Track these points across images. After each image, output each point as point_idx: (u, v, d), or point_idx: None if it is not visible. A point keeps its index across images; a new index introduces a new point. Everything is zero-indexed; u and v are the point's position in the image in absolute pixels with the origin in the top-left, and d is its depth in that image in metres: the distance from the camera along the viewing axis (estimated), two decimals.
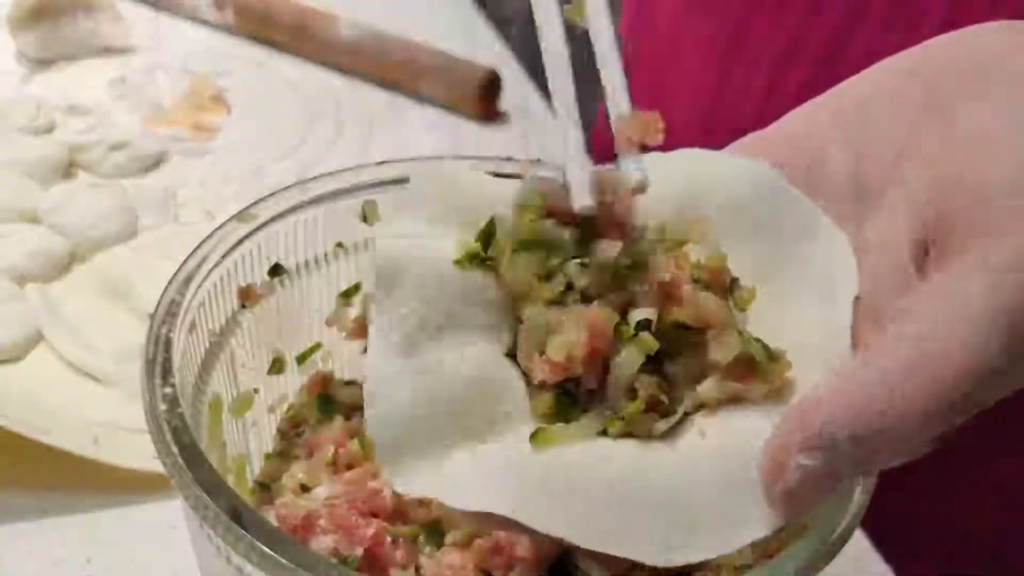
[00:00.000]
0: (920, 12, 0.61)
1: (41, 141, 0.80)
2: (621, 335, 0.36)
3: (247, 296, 0.47)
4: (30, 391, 0.61)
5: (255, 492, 0.48)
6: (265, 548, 0.34)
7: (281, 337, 0.50)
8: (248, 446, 0.49)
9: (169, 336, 0.41)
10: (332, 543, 0.41)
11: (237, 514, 0.35)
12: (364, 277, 0.51)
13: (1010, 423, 0.52)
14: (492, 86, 0.91)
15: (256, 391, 0.49)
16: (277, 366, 0.50)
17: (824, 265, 0.37)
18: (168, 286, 0.43)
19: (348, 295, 0.51)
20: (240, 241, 0.46)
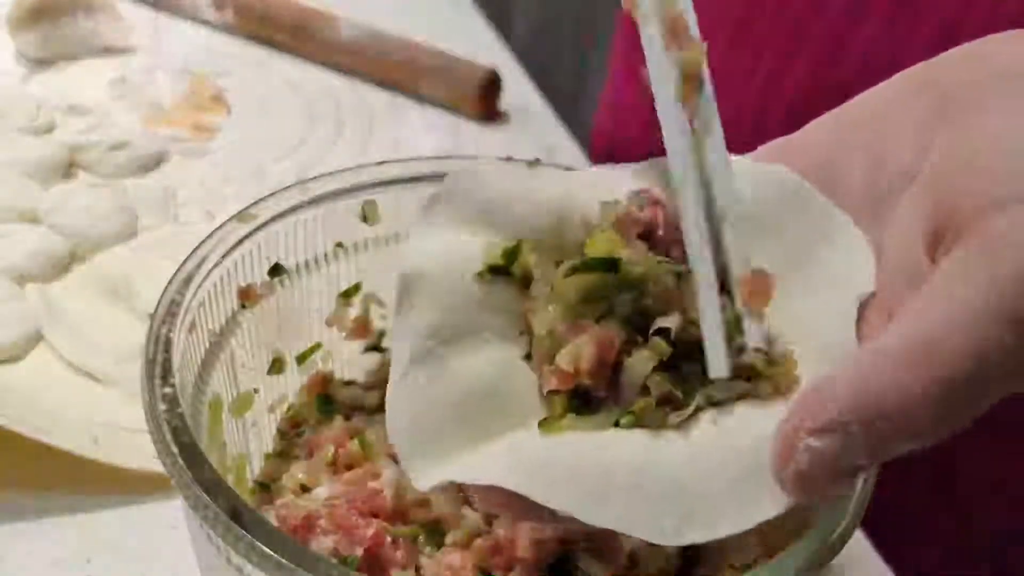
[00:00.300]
0: (920, 11, 0.61)
1: (41, 141, 0.80)
2: (633, 342, 0.36)
3: (247, 296, 0.47)
4: (30, 391, 0.61)
5: (255, 492, 0.48)
6: (265, 548, 0.34)
7: (281, 337, 0.50)
8: (248, 446, 0.49)
9: (169, 336, 0.41)
10: (332, 543, 0.41)
11: (237, 514, 0.35)
12: (364, 277, 0.51)
13: (1010, 423, 0.52)
14: (492, 86, 0.91)
15: (256, 391, 0.49)
16: (277, 366, 0.50)
17: (842, 264, 0.38)
18: (168, 286, 0.43)
19: (348, 295, 0.51)
20: (240, 241, 0.46)
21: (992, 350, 0.32)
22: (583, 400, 0.36)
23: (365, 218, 0.50)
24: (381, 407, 0.51)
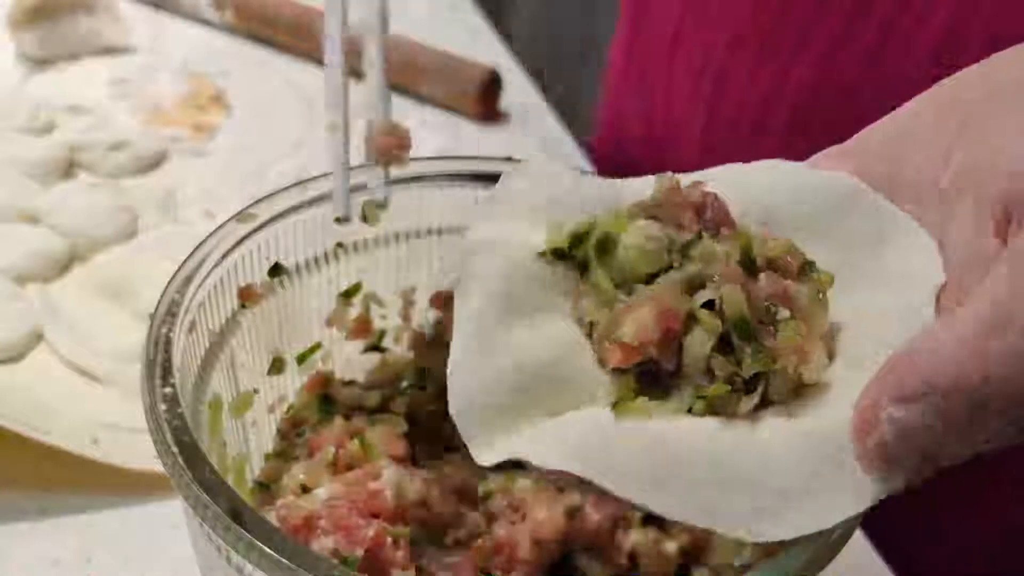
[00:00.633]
0: (923, 12, 0.61)
1: (41, 141, 0.80)
2: (692, 316, 0.36)
3: (247, 296, 0.47)
4: (30, 391, 0.61)
5: (255, 492, 0.48)
6: (265, 548, 0.34)
7: (281, 337, 0.50)
8: (248, 446, 0.49)
9: (169, 336, 0.41)
10: (333, 544, 0.41)
11: (237, 514, 0.35)
12: (364, 277, 0.51)
13: None
14: (492, 86, 0.91)
15: (256, 391, 0.49)
16: (277, 366, 0.50)
17: (909, 259, 0.38)
18: (168, 286, 0.43)
19: (348, 295, 0.51)
20: (240, 241, 0.46)
21: None
22: (651, 380, 0.36)
23: (365, 218, 0.50)
24: (381, 407, 0.51)
